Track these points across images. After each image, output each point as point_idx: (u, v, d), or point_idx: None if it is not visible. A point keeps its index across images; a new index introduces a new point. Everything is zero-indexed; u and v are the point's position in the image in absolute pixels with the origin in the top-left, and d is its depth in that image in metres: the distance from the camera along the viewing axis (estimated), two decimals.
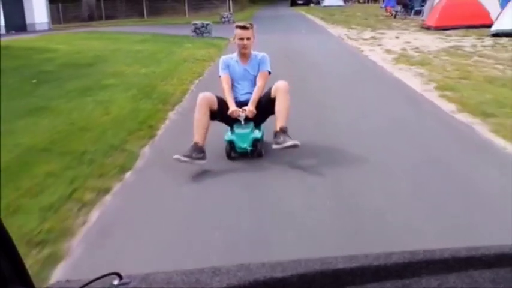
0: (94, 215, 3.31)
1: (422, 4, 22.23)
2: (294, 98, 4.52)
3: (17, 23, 22.19)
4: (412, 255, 0.76)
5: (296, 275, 0.71)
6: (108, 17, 33.70)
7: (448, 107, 5.81)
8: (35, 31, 21.91)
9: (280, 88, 4.09)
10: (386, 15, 24.46)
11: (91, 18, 31.12)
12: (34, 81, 7.38)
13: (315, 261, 0.75)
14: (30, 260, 2.66)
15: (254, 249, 2.68)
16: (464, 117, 5.30)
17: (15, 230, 2.92)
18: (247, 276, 0.70)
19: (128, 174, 4.02)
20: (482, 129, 4.86)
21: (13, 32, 21.11)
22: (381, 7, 30.32)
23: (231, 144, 4.10)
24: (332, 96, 6.76)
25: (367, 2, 48.33)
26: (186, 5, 35.35)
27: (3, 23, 20.76)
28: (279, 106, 4.05)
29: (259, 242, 2.77)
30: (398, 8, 24.27)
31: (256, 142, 4.09)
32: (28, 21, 23.18)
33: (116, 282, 0.71)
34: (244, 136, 4.06)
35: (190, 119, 4.18)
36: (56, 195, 3.53)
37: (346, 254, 0.80)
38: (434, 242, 2.56)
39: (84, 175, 3.91)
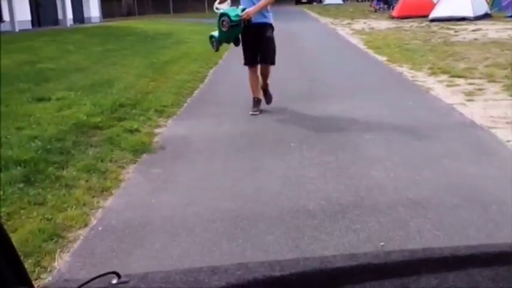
0: (211, 71, 9.32)
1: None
2: (295, 44, 10.52)
3: (79, 16, 28.32)
4: (411, 254, 0.77)
5: (295, 274, 0.71)
6: (139, 14, 39.90)
7: (364, 47, 11.84)
8: (91, 23, 28.03)
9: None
10: (370, 10, 30.38)
11: (129, 14, 37.35)
12: (149, 38, 13.48)
13: (314, 260, 0.75)
14: (199, 75, 8.67)
15: None
16: (367, 50, 11.34)
17: (187, 71, 8.94)
18: (246, 275, 0.71)
19: (217, 65, 10.05)
20: (370, 52, 10.89)
21: (77, 23, 27.23)
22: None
23: None
24: (311, 43, 12.84)
25: (365, 0, 54.09)
26: (206, 3, 41.39)
27: (71, 16, 26.91)
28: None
29: None
30: (381, 4, 30.24)
31: None
32: (86, 15, 29.31)
33: (114, 281, 0.70)
34: None
35: (233, 56, 10.18)
36: (196, 66, 9.54)
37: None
38: (327, 63, 8.61)
39: (201, 64, 9.92)
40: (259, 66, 5.70)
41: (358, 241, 2.62)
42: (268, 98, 5.93)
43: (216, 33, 5.62)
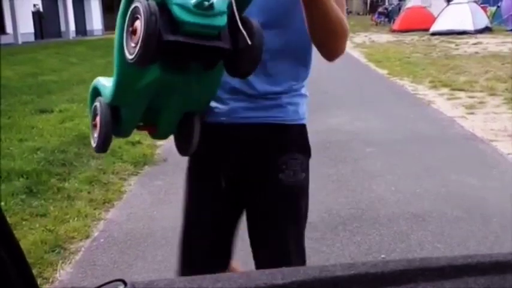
0: None
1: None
2: None
3: (81, 29, 28.55)
4: (408, 263, 0.79)
5: (295, 282, 0.73)
6: None
7: (364, 60, 11.92)
8: (93, 35, 28.22)
9: None
10: (371, 24, 30.59)
11: None
12: None
13: (314, 269, 0.77)
14: None
15: None
16: (368, 63, 11.41)
17: None
18: (248, 283, 0.73)
19: None
20: (371, 65, 10.95)
21: (80, 35, 27.42)
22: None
23: None
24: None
25: (366, 14, 54.47)
26: None
27: (74, 28, 27.11)
28: None
29: None
30: (382, 17, 30.47)
31: None
32: (88, 27, 29.53)
33: None
34: None
35: None
36: None
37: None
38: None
39: None
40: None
41: (359, 253, 2.63)
42: None
43: (106, 82, 1.18)
